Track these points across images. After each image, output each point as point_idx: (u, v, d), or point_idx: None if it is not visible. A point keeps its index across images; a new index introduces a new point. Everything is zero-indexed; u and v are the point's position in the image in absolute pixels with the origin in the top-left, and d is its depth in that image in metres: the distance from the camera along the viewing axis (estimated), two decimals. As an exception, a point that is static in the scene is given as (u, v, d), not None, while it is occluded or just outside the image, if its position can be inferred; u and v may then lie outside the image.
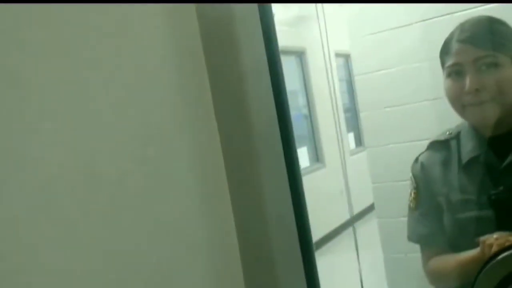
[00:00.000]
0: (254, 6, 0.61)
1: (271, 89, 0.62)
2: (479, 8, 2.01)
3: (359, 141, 6.43)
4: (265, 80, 0.61)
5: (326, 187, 5.51)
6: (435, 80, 2.26)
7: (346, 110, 6.27)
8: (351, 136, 6.43)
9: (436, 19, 2.22)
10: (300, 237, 0.64)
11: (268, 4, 0.64)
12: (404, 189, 1.32)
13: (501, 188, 1.07)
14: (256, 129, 0.61)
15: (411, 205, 1.26)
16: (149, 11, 0.54)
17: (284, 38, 5.18)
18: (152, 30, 0.55)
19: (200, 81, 0.57)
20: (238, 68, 0.60)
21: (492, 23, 1.11)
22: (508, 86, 1.07)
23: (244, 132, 0.60)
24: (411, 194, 1.27)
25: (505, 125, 1.09)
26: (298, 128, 5.76)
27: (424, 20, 2.27)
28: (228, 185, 0.60)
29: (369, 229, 3.00)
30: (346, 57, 6.15)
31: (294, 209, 0.64)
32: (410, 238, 1.26)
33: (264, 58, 0.62)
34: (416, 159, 1.27)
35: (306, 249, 0.63)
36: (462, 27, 1.11)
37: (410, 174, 1.27)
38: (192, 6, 0.57)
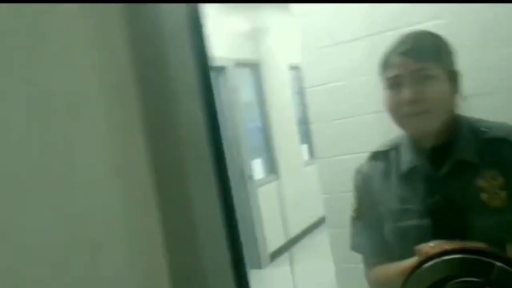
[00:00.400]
0: (184, 19, 0.60)
1: (201, 105, 0.60)
2: (426, 24, 2.09)
3: (312, 153, 6.52)
4: (195, 96, 0.60)
5: (281, 197, 5.54)
6: (381, 93, 2.33)
7: (300, 122, 6.34)
8: (305, 148, 6.50)
9: (383, 34, 2.29)
10: (232, 255, 0.62)
11: (199, 17, 0.63)
12: (353, 200, 1.35)
13: (438, 197, 1.10)
14: (185, 146, 0.59)
15: (354, 215, 1.28)
16: (71, 24, 0.52)
17: (239, 50, 5.21)
18: (76, 41, 0.52)
19: (127, 96, 0.55)
20: (168, 83, 0.58)
21: (430, 37, 1.15)
22: (444, 98, 1.10)
23: (174, 149, 0.58)
24: (353, 204, 1.29)
25: (442, 136, 1.13)
26: (254, 139, 5.78)
27: (371, 35, 2.34)
28: (157, 203, 0.57)
29: (323, 240, 3.02)
30: (300, 70, 6.24)
31: (225, 227, 0.62)
32: (353, 248, 1.28)
33: (194, 74, 0.60)
34: (358, 170, 1.29)
35: (238, 268, 0.62)
36: (402, 40, 1.14)
37: (352, 185, 1.29)
38: (120, 20, 0.55)
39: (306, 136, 6.34)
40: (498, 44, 2.12)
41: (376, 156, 1.25)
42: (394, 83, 1.11)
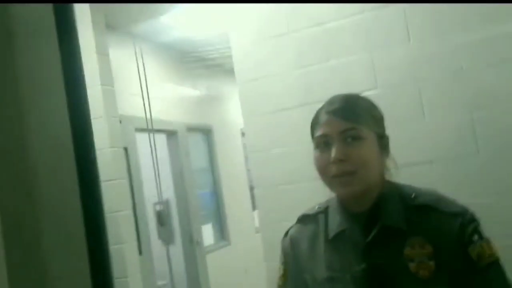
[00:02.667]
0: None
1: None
2: (364, 93, 2.17)
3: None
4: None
5: (230, 265, 5.39)
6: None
7: (252, 188, 6.32)
8: (256, 214, 6.44)
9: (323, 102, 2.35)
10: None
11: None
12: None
13: (364, 265, 1.08)
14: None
15: (279, 282, 1.24)
16: None
17: (192, 115, 5.25)
18: None
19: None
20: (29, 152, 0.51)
21: (359, 99, 1.18)
22: (371, 160, 1.10)
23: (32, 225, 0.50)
24: (279, 270, 1.25)
25: (370, 201, 1.12)
26: (205, 205, 5.69)
27: (311, 103, 2.40)
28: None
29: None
30: (252, 136, 6.30)
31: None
32: None
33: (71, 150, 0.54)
34: (286, 233, 1.26)
35: None
36: (331, 100, 1.16)
37: (280, 250, 1.25)
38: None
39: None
40: (434, 114, 2.21)
41: (304, 219, 1.24)
42: (322, 142, 1.12)
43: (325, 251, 1.14)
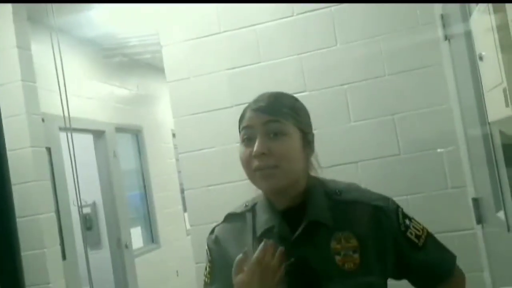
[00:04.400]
0: None
1: None
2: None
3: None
4: None
5: (161, 268, 5.30)
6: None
7: (183, 190, 6.25)
8: (187, 216, 6.38)
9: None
10: None
11: None
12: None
13: (292, 259, 1.10)
14: None
15: (206, 279, 1.23)
16: None
17: (120, 115, 5.10)
18: None
19: None
20: None
21: (285, 97, 1.20)
22: (294, 156, 1.12)
23: None
24: (206, 267, 1.24)
25: (296, 197, 1.14)
26: (135, 207, 5.55)
27: (239, 105, 2.41)
28: None
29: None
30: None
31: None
32: None
33: None
34: (212, 231, 1.26)
35: None
36: (257, 98, 1.17)
37: (206, 247, 1.25)
38: None
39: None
40: (360, 117, 2.30)
41: (231, 217, 1.24)
42: (247, 137, 1.13)
43: (254, 247, 1.15)
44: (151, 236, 5.53)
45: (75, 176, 2.82)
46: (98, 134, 4.67)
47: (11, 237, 0.52)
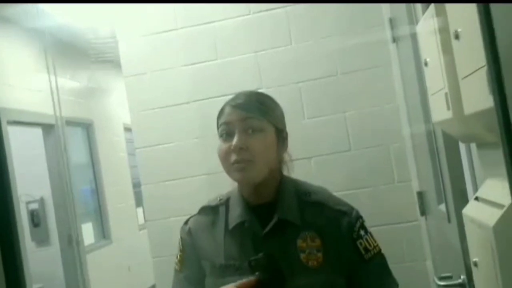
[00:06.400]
0: None
1: None
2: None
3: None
4: None
5: (113, 263, 5.24)
6: (209, 156, 2.42)
7: (136, 185, 6.18)
8: (140, 211, 6.32)
9: (211, 99, 2.41)
10: None
11: None
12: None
13: (261, 254, 1.15)
14: None
15: (176, 267, 1.28)
16: None
17: (71, 108, 4.98)
18: None
19: None
20: None
21: (261, 95, 1.26)
22: (268, 151, 1.19)
23: None
24: (177, 256, 1.29)
25: (267, 194, 1.21)
26: (85, 202, 5.45)
27: (198, 100, 2.45)
28: None
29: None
30: (136, 131, 6.18)
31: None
32: None
33: None
34: (186, 222, 1.30)
35: None
36: (235, 96, 1.23)
37: (179, 237, 1.29)
38: None
39: (142, 198, 6.20)
40: (313, 114, 2.39)
41: (205, 210, 1.28)
42: (225, 132, 1.19)
43: (225, 240, 1.21)
44: (103, 232, 5.45)
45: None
46: (48, 128, 4.55)
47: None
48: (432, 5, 1.13)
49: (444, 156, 1.45)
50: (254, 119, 1.18)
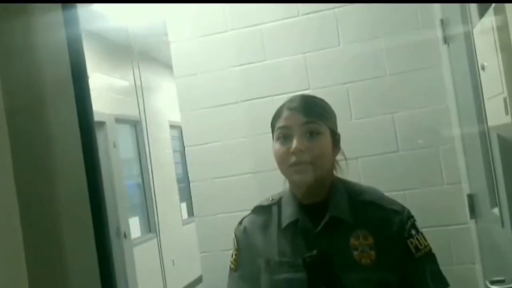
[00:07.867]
0: (67, 70, 0.60)
1: (83, 164, 0.60)
2: (297, 93, 2.30)
3: (191, 211, 6.51)
4: (77, 155, 0.60)
5: (158, 257, 5.37)
6: (257, 154, 2.47)
7: (180, 181, 6.32)
8: (184, 206, 6.47)
9: (259, 100, 2.46)
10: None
11: (84, 68, 0.64)
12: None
13: (314, 251, 1.19)
14: (64, 208, 0.58)
15: (232, 266, 1.33)
16: None
17: (119, 106, 5.15)
18: None
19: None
20: (45, 133, 0.57)
21: (315, 99, 1.30)
22: (326, 154, 1.23)
23: (50, 211, 0.56)
24: (232, 255, 1.34)
25: (320, 194, 1.25)
26: (133, 197, 5.62)
27: (247, 100, 2.50)
28: (27, 269, 0.54)
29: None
30: (180, 128, 6.31)
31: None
32: None
33: (75, 127, 0.61)
34: (240, 222, 1.36)
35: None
36: (291, 99, 1.28)
37: (233, 236, 1.35)
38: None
39: (185, 194, 6.34)
40: (360, 115, 2.39)
41: (259, 209, 1.33)
42: (283, 135, 1.23)
43: (278, 238, 1.25)
44: (149, 226, 5.61)
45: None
46: (99, 125, 4.73)
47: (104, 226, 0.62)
48: (491, 8, 1.12)
49: (499, 159, 1.44)
50: (313, 123, 1.22)
